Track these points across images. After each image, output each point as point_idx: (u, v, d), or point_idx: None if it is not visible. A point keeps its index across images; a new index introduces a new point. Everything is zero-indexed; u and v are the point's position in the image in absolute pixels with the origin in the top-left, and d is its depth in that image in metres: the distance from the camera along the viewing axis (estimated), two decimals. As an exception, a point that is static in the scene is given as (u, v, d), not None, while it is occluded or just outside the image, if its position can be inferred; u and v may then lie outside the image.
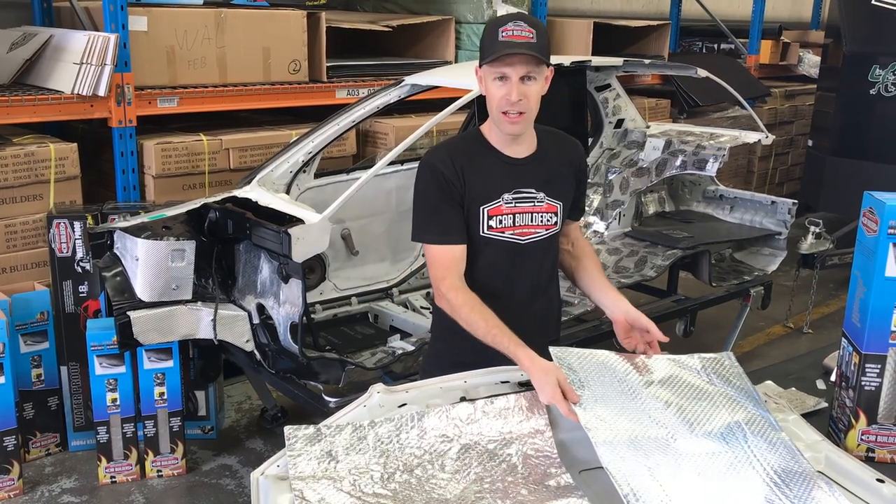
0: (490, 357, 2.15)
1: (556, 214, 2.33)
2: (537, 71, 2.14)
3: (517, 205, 2.28)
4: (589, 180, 4.63)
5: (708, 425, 1.95)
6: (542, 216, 2.30)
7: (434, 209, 2.25)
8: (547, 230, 2.32)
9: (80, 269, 3.68)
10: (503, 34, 2.11)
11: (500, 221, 2.27)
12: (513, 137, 2.26)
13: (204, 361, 3.77)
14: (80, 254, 3.65)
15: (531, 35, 2.11)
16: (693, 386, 2.07)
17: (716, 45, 7.82)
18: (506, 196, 2.27)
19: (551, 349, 2.05)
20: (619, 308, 2.26)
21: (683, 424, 1.93)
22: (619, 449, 1.81)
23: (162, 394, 3.54)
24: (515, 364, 2.10)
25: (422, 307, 3.92)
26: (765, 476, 1.81)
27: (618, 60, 4.31)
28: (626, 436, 1.85)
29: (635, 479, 1.73)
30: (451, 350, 2.37)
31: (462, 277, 2.24)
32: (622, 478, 1.72)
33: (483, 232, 2.27)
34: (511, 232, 2.28)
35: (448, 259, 2.24)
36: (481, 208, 2.25)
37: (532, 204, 2.29)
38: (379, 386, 2.05)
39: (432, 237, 2.26)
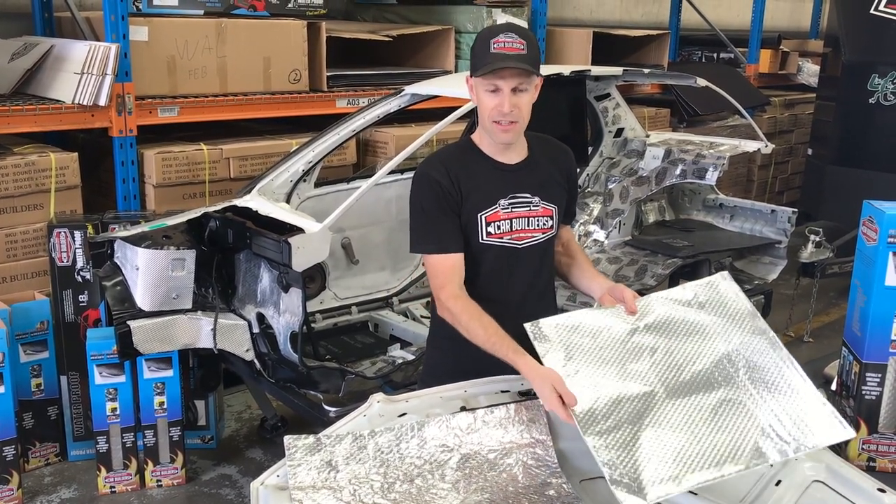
0: (487, 366, 2.15)
1: (551, 218, 2.35)
2: (528, 82, 2.16)
3: (513, 210, 2.29)
4: (589, 189, 4.65)
5: (698, 364, 1.99)
6: (538, 220, 2.33)
7: (430, 220, 2.26)
8: (543, 234, 2.34)
9: (80, 279, 3.68)
10: (495, 46, 2.12)
11: (498, 227, 2.28)
12: (505, 145, 2.27)
13: (204, 371, 3.77)
14: (80, 263, 3.65)
15: (522, 47, 2.12)
16: (683, 321, 2.10)
17: (715, 55, 7.83)
18: (502, 202, 2.28)
19: (526, 325, 2.05)
20: (602, 287, 2.30)
21: (671, 372, 1.97)
22: (602, 425, 1.84)
23: (162, 403, 3.54)
24: (513, 371, 2.10)
25: (422, 316, 3.92)
26: (761, 413, 1.87)
27: (617, 70, 4.31)
28: (609, 404, 1.88)
29: (621, 457, 1.76)
30: (448, 360, 2.38)
31: (462, 286, 2.25)
32: (608, 464, 1.75)
33: (482, 239, 2.28)
34: (508, 237, 2.30)
35: (447, 268, 2.25)
36: (479, 215, 2.27)
37: (528, 208, 2.31)
38: (379, 395, 2.05)
39: (430, 247, 2.27)
